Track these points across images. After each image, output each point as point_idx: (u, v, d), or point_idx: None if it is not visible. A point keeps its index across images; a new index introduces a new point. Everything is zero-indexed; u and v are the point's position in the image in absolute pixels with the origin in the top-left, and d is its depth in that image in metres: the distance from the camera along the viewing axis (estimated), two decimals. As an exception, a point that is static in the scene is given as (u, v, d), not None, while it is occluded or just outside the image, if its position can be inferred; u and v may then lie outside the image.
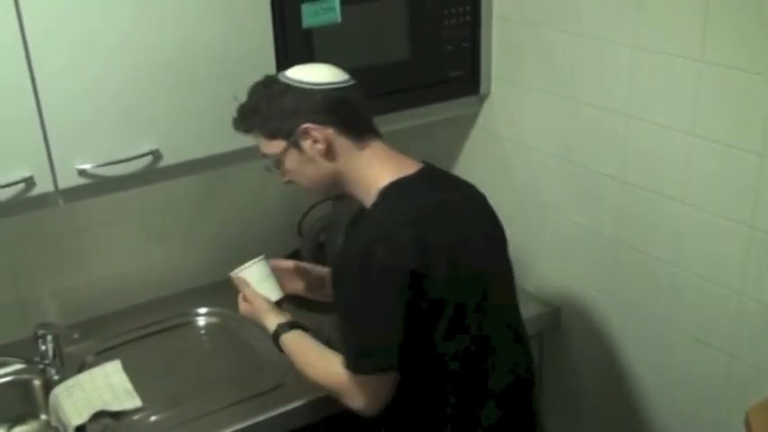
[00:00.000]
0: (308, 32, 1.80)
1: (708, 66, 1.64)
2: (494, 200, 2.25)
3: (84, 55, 1.59)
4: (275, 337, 1.65)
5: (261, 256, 1.76)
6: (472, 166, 2.30)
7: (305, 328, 1.66)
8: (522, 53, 2.04)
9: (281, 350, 1.64)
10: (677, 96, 1.71)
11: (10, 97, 1.53)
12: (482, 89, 2.12)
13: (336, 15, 1.82)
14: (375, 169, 1.53)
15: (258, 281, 1.73)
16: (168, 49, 1.67)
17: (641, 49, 1.75)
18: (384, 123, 2.00)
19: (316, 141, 1.48)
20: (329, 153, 1.50)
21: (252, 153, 1.60)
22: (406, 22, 1.94)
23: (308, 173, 1.53)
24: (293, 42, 1.79)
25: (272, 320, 1.67)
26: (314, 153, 1.50)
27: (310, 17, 1.79)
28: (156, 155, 1.70)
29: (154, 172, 1.72)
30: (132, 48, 1.63)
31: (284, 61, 1.78)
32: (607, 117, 1.87)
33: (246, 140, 1.57)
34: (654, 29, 1.72)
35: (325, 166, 1.51)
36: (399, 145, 2.41)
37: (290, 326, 1.65)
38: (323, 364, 1.57)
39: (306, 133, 1.48)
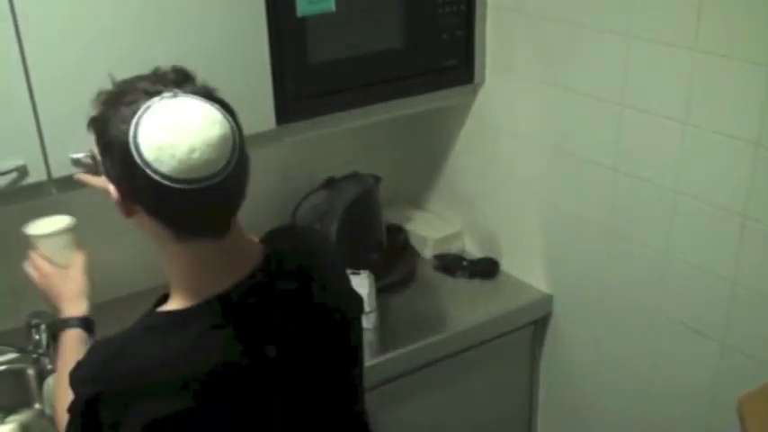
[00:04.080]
0: (302, 20, 1.80)
1: (702, 54, 1.64)
2: (486, 189, 2.26)
3: (77, 43, 1.58)
4: (58, 328, 1.48)
5: (68, 221, 1.55)
6: (466, 155, 2.30)
7: (91, 329, 1.48)
8: (516, 42, 2.04)
9: (54, 339, 1.49)
10: (671, 85, 1.71)
11: (2, 86, 1.52)
12: (476, 78, 2.12)
13: (331, 3, 1.81)
14: (179, 273, 1.23)
15: (56, 252, 1.52)
16: (160, 36, 1.66)
17: (635, 37, 1.75)
18: (377, 112, 2.01)
19: (117, 203, 1.20)
20: (133, 219, 1.21)
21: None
22: (400, 10, 1.94)
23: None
24: (287, 31, 1.78)
25: (66, 309, 1.48)
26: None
27: (305, 5, 1.78)
28: (150, 144, 1.70)
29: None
30: (123, 37, 1.62)
31: (278, 50, 1.78)
32: (601, 106, 1.87)
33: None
34: (648, 18, 1.72)
35: (133, 223, 1.22)
36: (392, 134, 2.42)
37: (79, 323, 1.46)
38: (64, 403, 1.27)
39: (110, 191, 1.20)
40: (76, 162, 1.59)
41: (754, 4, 1.53)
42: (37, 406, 1.91)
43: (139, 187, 1.11)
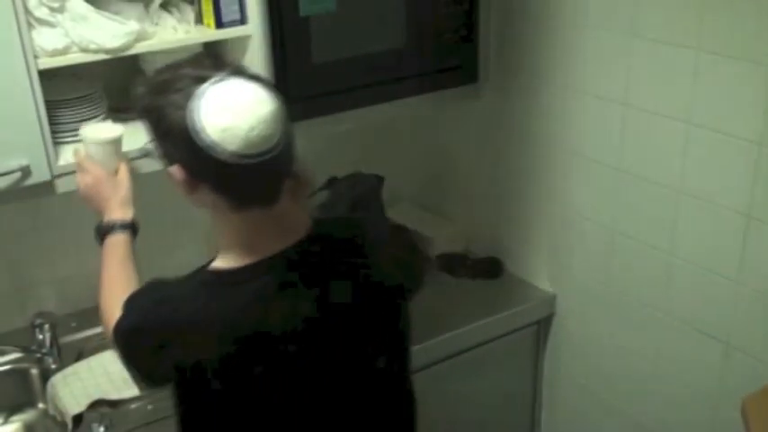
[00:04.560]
0: (305, 20, 1.79)
1: (705, 54, 1.63)
2: (490, 189, 2.26)
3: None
4: (104, 230, 1.55)
5: (120, 129, 1.62)
6: (469, 155, 2.30)
7: (136, 233, 1.57)
8: (519, 42, 2.03)
9: (100, 243, 1.56)
10: (674, 84, 1.71)
11: (6, 86, 1.53)
12: (480, 78, 2.11)
13: (331, 4, 1.81)
14: (234, 239, 1.29)
15: (108, 157, 1.59)
16: (165, 37, 1.66)
17: (638, 37, 1.75)
18: (380, 112, 2.00)
19: (181, 183, 1.25)
20: (194, 195, 1.27)
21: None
22: (403, 9, 1.93)
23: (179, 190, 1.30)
24: (290, 30, 1.78)
25: (112, 213, 1.56)
26: (179, 186, 1.27)
27: (307, 5, 1.78)
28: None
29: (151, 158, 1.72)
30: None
31: (281, 50, 1.78)
32: (604, 105, 1.87)
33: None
34: (651, 17, 1.72)
35: (192, 200, 1.28)
36: (395, 134, 2.42)
37: (124, 226, 1.55)
38: (113, 302, 1.42)
39: (173, 173, 1.25)
40: (146, 153, 1.51)
41: (757, 3, 1.53)
42: (41, 406, 1.92)
43: (206, 167, 1.19)
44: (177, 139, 1.19)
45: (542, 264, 2.17)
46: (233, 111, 1.17)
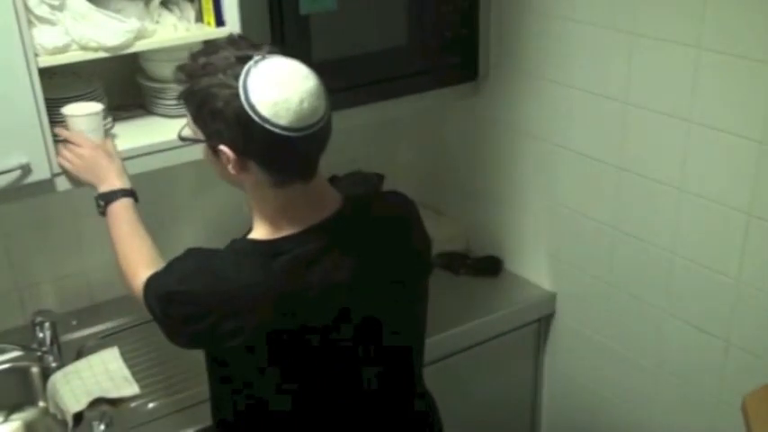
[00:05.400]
0: (305, 18, 1.79)
1: (706, 52, 1.63)
2: (490, 187, 2.26)
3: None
4: (108, 198, 1.56)
5: (101, 105, 1.64)
6: (469, 152, 2.30)
7: (136, 197, 1.59)
8: (520, 39, 2.03)
9: (102, 213, 1.57)
10: (676, 83, 1.71)
11: (6, 83, 1.52)
12: (480, 75, 2.12)
13: (332, 1, 1.81)
14: (271, 213, 1.33)
15: (93, 131, 1.61)
16: (165, 35, 1.66)
17: (640, 35, 1.75)
18: (381, 110, 2.01)
19: (229, 161, 1.28)
20: (241, 174, 1.30)
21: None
22: (403, 7, 1.93)
23: (218, 171, 1.35)
24: (290, 28, 1.78)
25: (113, 182, 1.56)
26: (226, 165, 1.29)
27: (307, 3, 1.78)
28: (153, 142, 1.70)
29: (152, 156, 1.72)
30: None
31: (280, 48, 1.77)
32: (605, 103, 1.86)
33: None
34: (652, 15, 1.71)
35: (235, 178, 1.32)
36: (395, 132, 2.41)
37: (125, 194, 1.56)
38: (133, 260, 1.49)
39: (222, 152, 1.27)
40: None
41: (758, 1, 1.53)
42: (41, 404, 1.92)
43: (258, 142, 1.22)
44: (227, 118, 1.21)
45: (543, 262, 2.17)
46: (281, 86, 1.20)
